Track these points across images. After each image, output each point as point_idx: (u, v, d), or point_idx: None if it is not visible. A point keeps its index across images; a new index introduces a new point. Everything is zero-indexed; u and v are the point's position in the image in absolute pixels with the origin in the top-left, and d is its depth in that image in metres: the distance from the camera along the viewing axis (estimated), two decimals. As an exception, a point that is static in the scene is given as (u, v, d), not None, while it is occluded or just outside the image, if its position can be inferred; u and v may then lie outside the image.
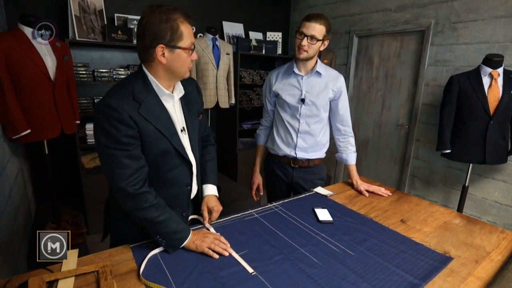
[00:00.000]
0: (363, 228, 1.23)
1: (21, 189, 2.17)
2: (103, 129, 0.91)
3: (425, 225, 1.28)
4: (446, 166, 2.67)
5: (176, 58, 0.96)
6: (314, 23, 1.38)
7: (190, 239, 1.03)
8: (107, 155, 0.93)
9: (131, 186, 0.93)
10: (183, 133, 1.09)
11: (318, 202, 1.46)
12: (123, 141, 0.91)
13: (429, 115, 2.75)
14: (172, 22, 0.92)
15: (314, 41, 1.41)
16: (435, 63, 2.66)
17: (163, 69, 0.98)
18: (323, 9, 3.54)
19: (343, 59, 3.45)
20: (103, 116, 0.90)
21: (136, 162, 0.95)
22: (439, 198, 2.74)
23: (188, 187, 1.14)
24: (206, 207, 1.20)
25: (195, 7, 3.24)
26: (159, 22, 0.91)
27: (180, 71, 1.00)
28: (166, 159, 1.04)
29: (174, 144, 1.03)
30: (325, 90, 1.53)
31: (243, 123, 3.54)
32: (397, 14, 2.88)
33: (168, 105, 1.04)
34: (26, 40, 1.81)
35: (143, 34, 0.93)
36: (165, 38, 0.92)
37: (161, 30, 0.91)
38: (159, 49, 0.93)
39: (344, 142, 1.65)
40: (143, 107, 0.95)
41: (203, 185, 1.26)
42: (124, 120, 0.90)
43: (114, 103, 0.90)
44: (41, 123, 1.91)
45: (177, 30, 0.93)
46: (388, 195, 1.56)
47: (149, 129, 0.96)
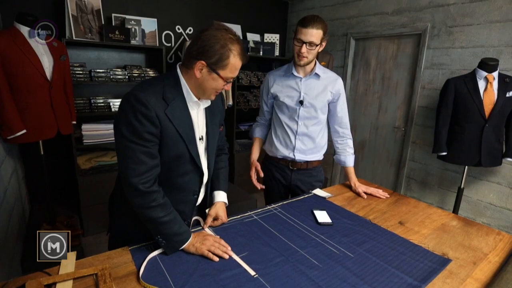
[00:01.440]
0: (362, 230, 1.23)
1: (15, 190, 2.14)
2: (127, 121, 0.91)
3: (423, 227, 1.29)
4: (442, 168, 2.69)
5: (209, 80, 0.97)
6: (311, 29, 1.38)
7: (190, 242, 1.03)
8: (125, 147, 0.93)
9: (143, 183, 0.93)
10: (201, 141, 1.10)
11: (316, 204, 1.46)
12: (144, 137, 0.92)
13: (425, 117, 2.78)
14: (226, 50, 0.93)
15: (313, 46, 1.41)
16: (432, 66, 2.69)
17: (194, 82, 1.00)
18: (321, 11, 3.56)
19: (340, 62, 3.47)
20: (130, 108, 0.91)
21: (152, 160, 0.95)
22: (435, 200, 2.77)
23: (195, 196, 1.14)
24: (213, 214, 1.20)
25: (193, 8, 3.23)
26: (215, 42, 0.92)
27: (207, 91, 1.01)
28: (179, 163, 1.04)
29: (190, 150, 1.03)
30: (324, 92, 1.54)
31: (240, 124, 3.54)
32: (394, 18, 2.90)
33: (193, 112, 1.05)
34: (23, 39, 1.79)
35: (196, 43, 0.94)
36: (211, 59, 0.93)
37: (212, 51, 0.92)
38: (200, 64, 0.94)
39: (343, 144, 1.66)
40: (170, 108, 0.96)
41: (215, 191, 1.26)
42: (150, 117, 0.91)
43: (144, 98, 0.91)
44: (38, 123, 1.89)
45: (226, 59, 0.94)
46: (386, 197, 1.57)
47: (171, 130, 0.97)
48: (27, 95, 1.82)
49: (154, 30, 2.88)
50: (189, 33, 3.26)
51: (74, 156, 2.44)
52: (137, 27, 2.70)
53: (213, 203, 1.24)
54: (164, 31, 3.09)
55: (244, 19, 3.61)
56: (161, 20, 2.98)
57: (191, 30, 3.27)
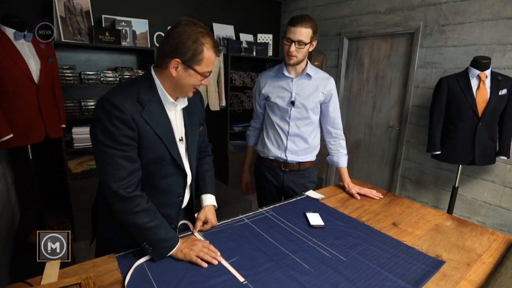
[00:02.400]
0: (355, 232, 1.21)
1: (4, 195, 2.09)
2: (103, 126, 0.89)
3: (416, 228, 1.27)
4: (436, 167, 2.69)
5: (186, 77, 0.96)
6: (300, 28, 1.36)
7: (178, 247, 1.00)
8: (103, 153, 0.91)
9: (124, 188, 0.91)
10: (181, 142, 1.08)
11: (309, 206, 1.44)
12: (122, 141, 0.90)
13: (419, 116, 2.77)
14: (199, 44, 0.91)
15: (302, 45, 1.40)
16: (425, 65, 2.69)
17: (170, 81, 0.98)
18: (314, 11, 3.55)
19: (334, 61, 3.46)
20: (105, 113, 0.88)
21: (131, 164, 0.93)
22: (430, 199, 2.76)
23: (180, 198, 1.12)
24: (203, 217, 1.18)
25: (185, 8, 3.20)
26: (187, 38, 0.90)
27: (184, 89, 1.00)
28: (160, 166, 1.02)
29: (171, 152, 1.02)
30: (315, 92, 1.52)
31: (234, 126, 3.51)
32: (387, 17, 2.90)
33: (170, 113, 1.03)
34: (8, 42, 1.75)
35: (167, 42, 0.92)
36: (185, 55, 0.91)
37: (185, 47, 0.90)
38: (175, 62, 0.92)
39: (335, 145, 1.64)
40: (145, 111, 0.94)
41: (203, 195, 1.24)
42: (126, 120, 0.89)
43: (118, 101, 0.89)
44: (25, 127, 1.84)
45: (199, 54, 0.92)
46: (379, 197, 1.55)
47: (148, 133, 0.95)
48: (13, 99, 1.77)
49: (145, 31, 2.85)
50: (181, 34, 3.22)
51: (65, 160, 2.40)
52: (127, 28, 2.67)
53: (201, 207, 1.22)
54: (156, 32, 3.05)
55: (237, 19, 3.59)
56: (152, 21, 2.95)
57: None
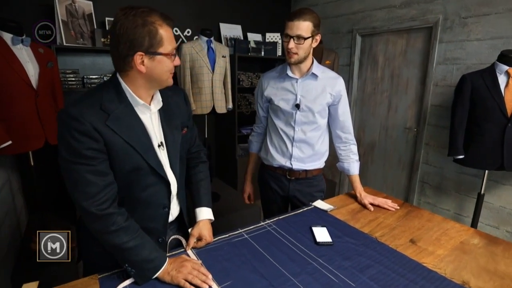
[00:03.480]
0: (366, 251, 1.07)
1: (7, 202, 2.07)
2: (64, 140, 0.81)
3: (438, 246, 1.12)
4: (459, 172, 2.48)
5: (156, 65, 0.86)
6: (298, 21, 1.24)
7: (165, 269, 0.90)
8: (69, 171, 0.83)
9: (96, 206, 0.82)
10: (161, 148, 0.97)
11: (316, 218, 1.31)
12: (85, 154, 0.81)
13: (439, 117, 2.57)
14: (149, 26, 0.81)
15: (302, 40, 1.26)
16: (445, 61, 2.49)
17: (142, 78, 0.88)
18: (324, 8, 3.40)
19: (346, 60, 3.30)
20: (64, 126, 0.81)
21: (102, 179, 0.84)
22: (452, 206, 2.56)
23: (166, 209, 1.02)
24: (196, 234, 1.07)
25: (191, 9, 3.13)
26: (135, 26, 0.80)
27: (161, 79, 0.90)
28: (139, 177, 0.92)
29: (147, 160, 0.91)
30: (322, 94, 1.39)
31: (242, 128, 3.40)
32: (402, 11, 2.71)
33: (144, 117, 0.93)
34: (5, 47, 1.71)
35: (118, 42, 0.82)
36: (143, 44, 0.82)
37: (138, 36, 0.81)
38: (138, 57, 0.83)
39: (346, 150, 1.50)
40: (111, 118, 0.84)
41: (197, 209, 1.14)
42: (86, 132, 0.80)
43: (76, 112, 0.80)
44: (23, 133, 1.80)
45: (156, 34, 0.83)
46: (395, 208, 1.40)
47: (118, 142, 0.85)
48: (11, 105, 1.73)
49: (150, 33, 2.78)
50: (187, 35, 3.16)
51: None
52: (131, 30, 2.61)
53: (196, 221, 1.11)
54: (161, 34, 2.99)
55: (244, 19, 3.48)
56: (157, 22, 2.88)
57: (189, 32, 3.17)
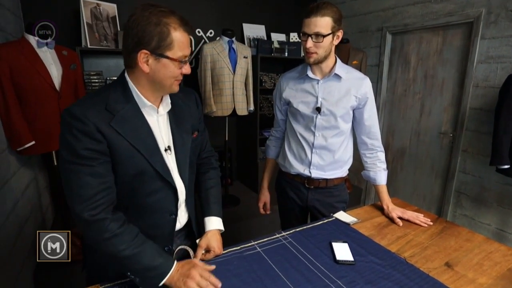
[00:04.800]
0: (393, 274, 0.95)
1: (32, 200, 2.13)
2: (65, 140, 0.78)
3: (480, 272, 0.97)
4: (502, 183, 2.23)
5: (161, 69, 0.82)
6: (315, 18, 1.14)
7: (172, 275, 0.83)
8: (67, 171, 0.78)
9: (89, 210, 0.77)
10: (168, 152, 0.92)
11: (337, 232, 1.19)
12: (84, 154, 0.77)
13: (480, 121, 2.33)
14: (162, 26, 0.78)
15: (321, 38, 1.16)
16: (487, 60, 2.25)
17: (146, 79, 0.84)
18: (352, 5, 3.24)
19: (375, 60, 3.11)
20: (66, 126, 0.77)
21: (99, 181, 0.79)
22: (493, 220, 2.31)
23: (173, 216, 0.96)
24: (204, 245, 1.01)
25: (214, 10, 3.10)
26: (147, 24, 0.77)
27: (165, 84, 0.85)
28: (143, 181, 0.87)
29: (152, 164, 0.86)
30: (346, 96, 1.27)
31: (264, 131, 3.32)
32: (438, 5, 2.50)
33: (151, 119, 0.89)
34: (31, 50, 1.76)
35: (127, 35, 0.80)
36: (150, 43, 0.78)
37: (147, 34, 0.78)
38: (142, 55, 0.79)
39: (372, 158, 1.37)
40: (116, 119, 0.81)
41: (206, 218, 1.08)
42: (88, 132, 0.76)
43: (79, 112, 0.76)
44: (47, 134, 1.85)
45: (166, 37, 0.79)
46: (428, 224, 1.25)
47: (122, 144, 0.81)
48: (35, 106, 1.78)
49: (172, 35, 2.79)
50: (210, 36, 3.13)
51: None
52: (154, 32, 2.62)
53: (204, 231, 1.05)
54: (184, 36, 2.99)
55: (268, 19, 3.40)
56: (180, 24, 2.88)
57: (212, 33, 3.14)
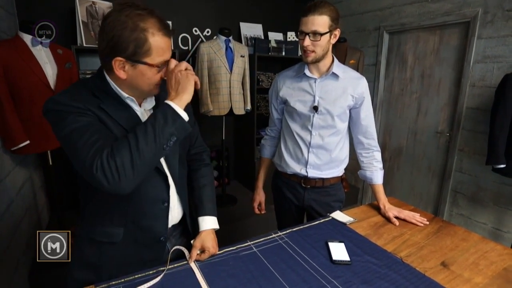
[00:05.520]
0: (389, 274, 0.95)
1: (27, 200, 2.11)
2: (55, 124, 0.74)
3: (476, 272, 0.96)
4: (498, 182, 2.24)
5: (138, 75, 0.78)
6: (313, 16, 1.14)
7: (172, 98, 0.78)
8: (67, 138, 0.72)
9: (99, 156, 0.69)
10: None
11: (334, 232, 1.19)
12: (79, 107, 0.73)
13: (476, 121, 2.34)
14: (139, 32, 0.72)
15: (318, 37, 1.15)
16: (484, 59, 2.26)
17: (123, 83, 0.81)
18: (350, 4, 3.24)
19: (372, 59, 3.11)
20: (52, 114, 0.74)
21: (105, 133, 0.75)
22: (490, 219, 2.31)
23: (165, 204, 0.93)
24: (199, 245, 0.99)
25: (211, 9, 3.08)
26: (123, 29, 0.71)
27: (143, 89, 0.82)
28: None
29: None
30: (343, 96, 1.27)
31: (261, 130, 3.31)
32: (435, 5, 2.50)
33: (137, 109, 0.87)
34: (25, 48, 1.74)
35: (103, 38, 0.74)
36: (126, 50, 0.73)
37: (123, 40, 0.72)
38: (117, 62, 0.75)
39: (368, 157, 1.37)
40: (105, 103, 0.78)
41: (199, 218, 1.05)
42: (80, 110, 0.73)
43: (65, 99, 0.74)
44: (42, 133, 1.83)
45: (143, 43, 0.73)
46: (424, 224, 1.25)
47: (112, 126, 0.79)
48: (30, 105, 1.76)
49: (169, 33, 2.77)
50: (206, 35, 3.12)
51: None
52: (151, 31, 2.61)
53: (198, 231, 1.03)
54: (181, 34, 2.97)
55: (265, 18, 3.39)
56: (177, 22, 2.86)
57: (209, 32, 3.13)
